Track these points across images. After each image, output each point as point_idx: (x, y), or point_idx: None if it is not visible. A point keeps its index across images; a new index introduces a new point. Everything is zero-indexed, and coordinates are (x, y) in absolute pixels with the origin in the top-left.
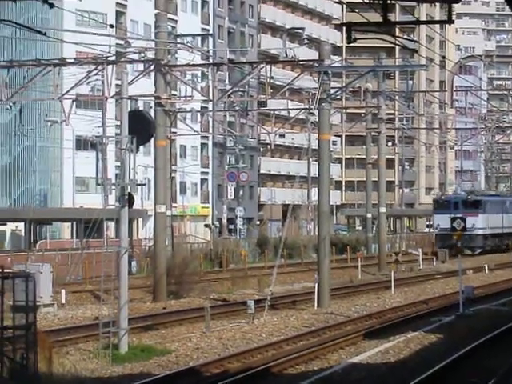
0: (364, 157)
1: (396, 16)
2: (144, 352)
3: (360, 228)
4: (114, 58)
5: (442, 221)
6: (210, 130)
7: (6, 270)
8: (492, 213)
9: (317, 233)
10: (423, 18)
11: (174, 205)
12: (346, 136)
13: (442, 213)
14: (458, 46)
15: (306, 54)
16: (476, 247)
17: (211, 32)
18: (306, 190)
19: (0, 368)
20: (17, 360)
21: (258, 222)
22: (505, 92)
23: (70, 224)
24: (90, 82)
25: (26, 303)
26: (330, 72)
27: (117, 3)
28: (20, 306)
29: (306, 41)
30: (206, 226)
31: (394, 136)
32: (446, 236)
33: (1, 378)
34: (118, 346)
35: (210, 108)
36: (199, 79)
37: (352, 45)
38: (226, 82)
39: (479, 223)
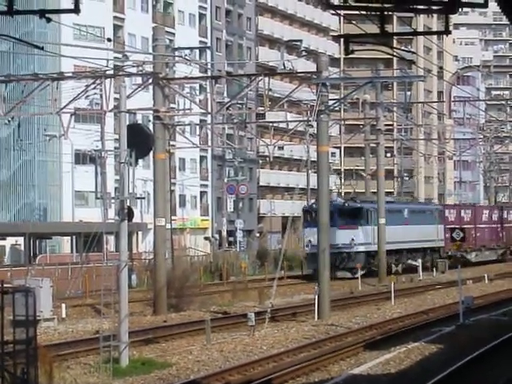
0: (363, 168)
1: (393, 27)
2: (145, 365)
3: None
4: (111, 71)
5: (315, 236)
6: (209, 143)
7: (5, 285)
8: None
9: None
10: (420, 29)
11: (173, 218)
12: (344, 147)
13: (313, 226)
14: (456, 56)
15: (304, 66)
16: (356, 268)
17: (209, 45)
18: (305, 201)
19: (1, 383)
20: (17, 375)
21: (258, 235)
22: (503, 102)
23: (69, 238)
24: (88, 96)
25: (26, 318)
26: (328, 84)
27: (114, 17)
28: (20, 321)
29: (303, 53)
30: (206, 238)
31: (392, 147)
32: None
33: None
34: (119, 359)
35: (209, 121)
36: (197, 92)
37: (350, 56)
38: (225, 94)
39: (360, 238)
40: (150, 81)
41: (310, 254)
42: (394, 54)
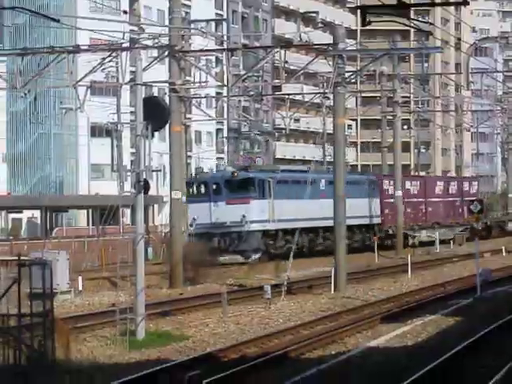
0: (379, 140)
1: None
2: (161, 338)
3: None
4: (127, 44)
5: (200, 213)
6: (225, 116)
7: (22, 258)
8: (282, 197)
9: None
10: (438, 0)
11: None
12: (361, 120)
13: (198, 201)
14: (473, 27)
15: (321, 37)
16: (249, 251)
17: (225, 17)
18: None
19: (18, 355)
20: (34, 347)
21: None
22: None
23: (85, 211)
24: (104, 69)
25: (43, 290)
26: (344, 56)
27: None
28: (37, 294)
29: (320, 24)
30: None
31: (409, 119)
32: (206, 236)
33: (19, 365)
34: (135, 332)
35: (225, 93)
36: (213, 65)
37: (367, 28)
38: (241, 67)
39: (253, 214)
40: (166, 53)
41: (198, 234)
42: (412, 25)
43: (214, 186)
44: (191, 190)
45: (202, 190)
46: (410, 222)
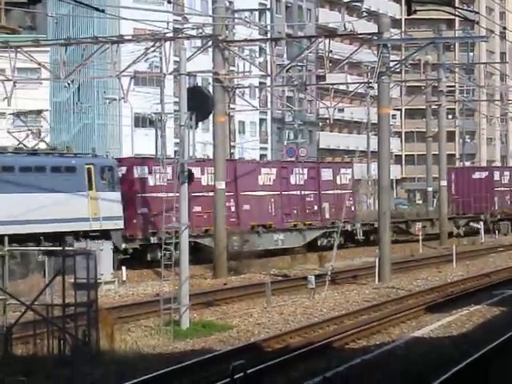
0: (424, 130)
1: None
2: (205, 328)
3: (420, 202)
4: (171, 34)
5: None
6: (269, 106)
7: (67, 248)
8: None
9: (377, 207)
10: None
11: None
12: (405, 109)
13: None
14: None
15: (365, 27)
16: None
17: (269, 7)
18: (365, 164)
19: (62, 345)
20: (79, 337)
21: None
22: None
23: None
24: (147, 59)
25: (87, 280)
26: (389, 45)
27: None
28: (81, 284)
29: (364, 14)
30: None
31: (454, 109)
32: None
33: (63, 354)
34: (180, 322)
35: (269, 83)
36: (257, 54)
37: (411, 17)
38: (284, 56)
39: None
40: (210, 43)
41: None
42: (457, 14)
43: None
44: None
45: None
46: (202, 226)
